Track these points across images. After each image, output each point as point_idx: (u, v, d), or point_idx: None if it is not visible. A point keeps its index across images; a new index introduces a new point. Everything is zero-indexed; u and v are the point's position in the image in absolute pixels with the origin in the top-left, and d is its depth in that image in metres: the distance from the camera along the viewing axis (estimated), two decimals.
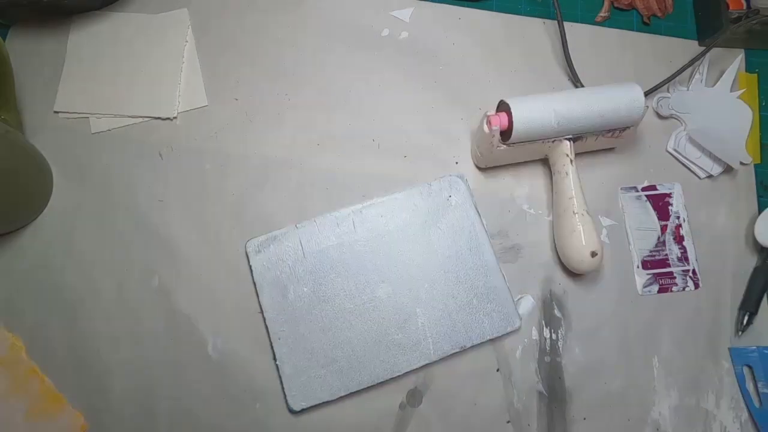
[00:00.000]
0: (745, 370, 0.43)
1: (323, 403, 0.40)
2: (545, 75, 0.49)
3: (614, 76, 0.49)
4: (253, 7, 0.49)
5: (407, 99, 0.48)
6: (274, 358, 0.40)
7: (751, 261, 0.46)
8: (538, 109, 0.40)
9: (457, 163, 0.46)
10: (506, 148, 0.42)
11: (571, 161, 0.42)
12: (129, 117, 0.46)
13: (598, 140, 0.43)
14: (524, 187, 0.46)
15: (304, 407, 0.39)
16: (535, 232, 0.45)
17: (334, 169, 0.46)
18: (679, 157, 0.47)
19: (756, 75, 0.50)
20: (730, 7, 0.47)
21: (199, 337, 0.41)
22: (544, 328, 0.43)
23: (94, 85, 0.46)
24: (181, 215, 0.44)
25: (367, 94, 0.48)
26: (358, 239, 0.43)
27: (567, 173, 0.42)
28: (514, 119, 0.40)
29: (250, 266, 0.42)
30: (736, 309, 0.44)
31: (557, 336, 0.43)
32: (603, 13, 0.51)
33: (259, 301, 0.42)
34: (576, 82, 0.48)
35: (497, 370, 0.42)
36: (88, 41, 0.48)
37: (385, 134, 0.47)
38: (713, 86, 0.49)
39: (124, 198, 0.44)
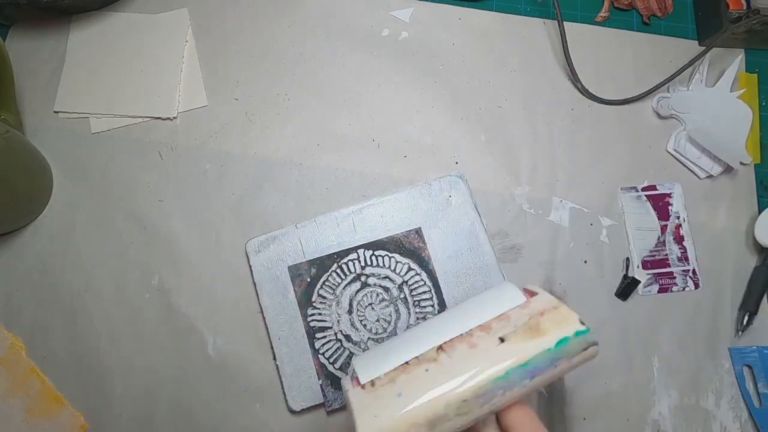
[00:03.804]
0: (745, 370, 0.43)
1: (323, 403, 0.40)
2: (545, 75, 0.49)
3: (614, 76, 0.49)
4: (253, 7, 0.49)
5: (407, 99, 0.48)
6: (274, 358, 0.40)
7: (751, 261, 0.46)
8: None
9: (457, 163, 0.46)
10: None
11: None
12: (129, 117, 0.46)
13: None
14: (524, 187, 0.46)
15: (304, 407, 0.39)
16: (535, 232, 0.45)
17: (334, 169, 0.46)
18: (679, 157, 0.47)
19: (756, 75, 0.50)
20: (730, 7, 0.47)
21: (199, 336, 0.41)
22: None
23: (94, 85, 0.46)
24: (181, 215, 0.44)
25: (367, 94, 0.48)
26: (358, 239, 0.43)
27: None
28: None
29: (250, 266, 0.42)
30: (736, 309, 0.44)
31: None
32: (603, 13, 0.51)
33: (259, 301, 0.42)
34: (576, 82, 0.48)
35: None
36: (88, 41, 0.48)
37: (385, 134, 0.47)
38: (713, 86, 0.49)
39: (124, 198, 0.44)
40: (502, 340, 0.27)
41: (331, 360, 0.40)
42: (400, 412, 0.26)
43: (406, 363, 0.28)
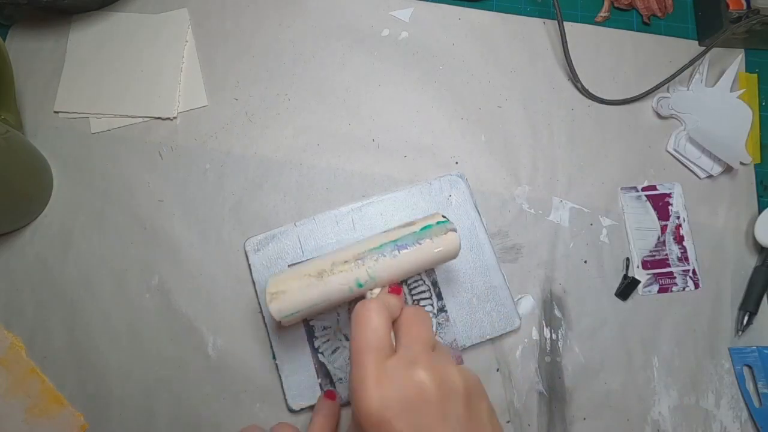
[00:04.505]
0: (745, 370, 0.43)
1: None
2: (545, 75, 0.49)
3: (614, 76, 0.49)
4: (254, 6, 0.49)
5: (407, 99, 0.48)
6: (274, 358, 0.40)
7: (751, 261, 0.46)
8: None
9: (457, 163, 0.46)
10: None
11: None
12: (129, 117, 0.46)
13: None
14: (524, 187, 0.46)
15: (304, 407, 0.39)
16: (535, 232, 0.45)
17: (334, 169, 0.46)
18: (679, 157, 0.47)
19: (756, 75, 0.50)
20: (730, 7, 0.47)
21: (198, 336, 0.41)
22: (544, 328, 0.43)
23: (94, 85, 0.46)
24: (181, 215, 0.44)
25: (367, 93, 0.48)
26: (357, 237, 0.43)
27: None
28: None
29: (250, 264, 0.42)
30: (736, 309, 0.44)
31: (557, 336, 0.43)
32: (603, 13, 0.51)
33: (258, 300, 0.42)
34: (576, 82, 0.48)
35: (497, 370, 0.42)
36: (88, 41, 0.48)
37: (385, 134, 0.47)
38: (713, 86, 0.49)
39: (124, 198, 0.44)
40: (385, 232, 0.36)
41: (331, 359, 0.40)
42: (300, 268, 0.35)
43: (321, 255, 0.37)
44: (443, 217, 0.36)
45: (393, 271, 0.34)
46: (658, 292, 0.44)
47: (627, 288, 0.44)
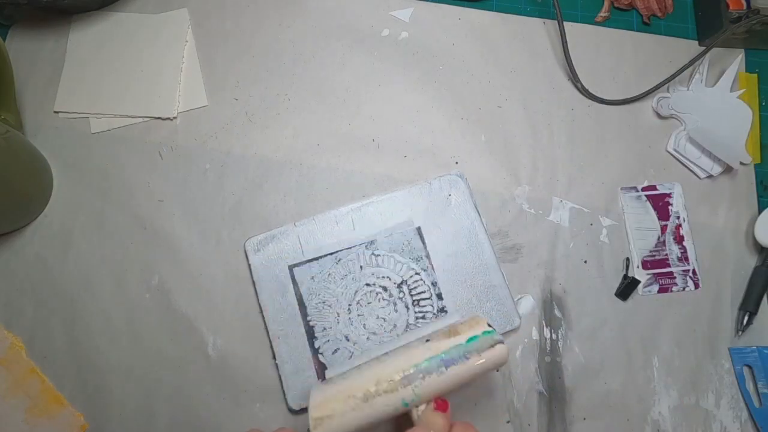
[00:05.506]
0: (745, 370, 0.43)
1: None
2: (545, 75, 0.49)
3: (614, 76, 0.49)
4: (254, 6, 0.49)
5: (407, 99, 0.48)
6: (274, 358, 0.40)
7: (751, 261, 0.46)
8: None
9: (457, 162, 0.46)
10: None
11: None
12: (129, 117, 0.46)
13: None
14: (524, 187, 0.46)
15: (304, 407, 0.39)
16: (535, 232, 0.45)
17: (334, 169, 0.46)
18: (679, 157, 0.47)
19: (756, 75, 0.50)
20: (730, 7, 0.47)
21: (198, 336, 0.42)
22: (544, 328, 0.43)
23: (94, 85, 0.46)
24: (181, 215, 0.44)
25: (367, 93, 0.48)
26: (357, 237, 0.43)
27: None
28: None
29: (250, 265, 0.42)
30: (736, 309, 0.44)
31: (557, 336, 0.43)
32: (603, 13, 0.51)
33: (258, 301, 0.42)
34: (576, 82, 0.48)
35: (497, 370, 0.42)
36: (88, 41, 0.48)
37: (385, 134, 0.47)
38: (713, 86, 0.49)
39: (124, 198, 0.44)
40: (427, 340, 0.34)
41: (331, 359, 0.40)
42: (341, 387, 0.33)
43: (359, 365, 0.35)
44: (489, 326, 0.34)
45: (439, 388, 0.32)
46: (658, 292, 0.44)
47: (627, 288, 0.44)
